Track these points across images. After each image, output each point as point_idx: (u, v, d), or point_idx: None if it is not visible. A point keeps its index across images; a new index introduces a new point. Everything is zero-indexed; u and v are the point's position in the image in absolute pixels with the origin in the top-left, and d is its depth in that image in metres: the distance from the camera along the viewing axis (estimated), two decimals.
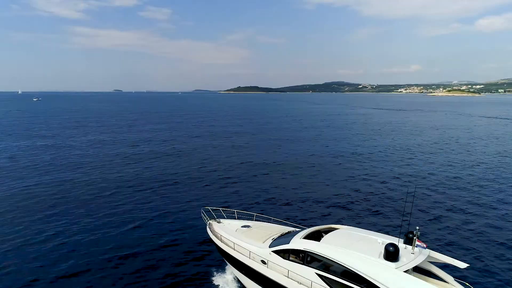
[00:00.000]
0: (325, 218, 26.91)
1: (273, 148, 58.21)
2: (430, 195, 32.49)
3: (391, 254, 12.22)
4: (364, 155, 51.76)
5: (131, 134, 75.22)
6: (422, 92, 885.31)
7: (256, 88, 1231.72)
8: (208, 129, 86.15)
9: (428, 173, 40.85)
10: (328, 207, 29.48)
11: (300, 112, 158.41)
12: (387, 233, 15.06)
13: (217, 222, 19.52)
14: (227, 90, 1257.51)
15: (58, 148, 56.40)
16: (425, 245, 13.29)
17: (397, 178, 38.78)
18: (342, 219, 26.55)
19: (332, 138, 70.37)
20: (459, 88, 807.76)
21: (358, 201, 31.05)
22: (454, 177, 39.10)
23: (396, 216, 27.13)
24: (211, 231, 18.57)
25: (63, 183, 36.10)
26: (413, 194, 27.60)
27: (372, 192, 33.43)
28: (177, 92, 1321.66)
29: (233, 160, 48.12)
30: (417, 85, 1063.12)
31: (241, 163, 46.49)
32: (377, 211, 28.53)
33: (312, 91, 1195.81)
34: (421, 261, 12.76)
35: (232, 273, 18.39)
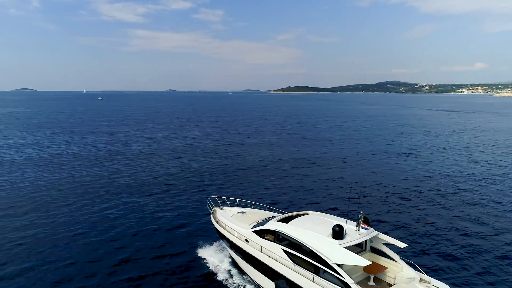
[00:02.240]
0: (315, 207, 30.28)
1: (320, 151, 57.19)
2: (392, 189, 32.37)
3: (336, 233, 14.70)
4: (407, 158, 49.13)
5: (183, 132, 78.08)
6: (486, 92, 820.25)
7: (306, 88, 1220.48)
8: (257, 129, 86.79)
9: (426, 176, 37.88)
10: (321, 199, 32.89)
11: (351, 113, 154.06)
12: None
13: (220, 209, 22.48)
14: (277, 90, 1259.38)
15: (117, 145, 59.99)
16: (367, 227, 15.51)
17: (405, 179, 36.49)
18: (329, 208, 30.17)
19: (385, 143, 67.55)
20: None
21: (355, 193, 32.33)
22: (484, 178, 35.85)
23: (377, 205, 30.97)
24: (213, 217, 21.54)
25: (119, 177, 38.38)
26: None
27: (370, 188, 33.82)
28: (228, 92, 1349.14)
29: (281, 165, 48.04)
30: (481, 85, 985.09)
31: (293, 167, 46.20)
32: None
33: (364, 91, 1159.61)
34: (363, 240, 15.17)
35: (225, 248, 21.55)
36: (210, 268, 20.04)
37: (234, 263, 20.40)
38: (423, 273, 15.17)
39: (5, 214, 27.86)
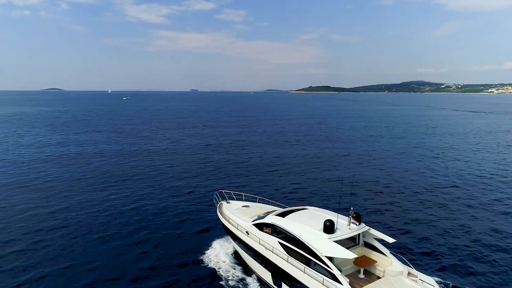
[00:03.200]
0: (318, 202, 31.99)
1: (342, 152, 55.80)
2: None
3: (327, 227, 15.46)
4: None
5: (205, 132, 78.14)
6: None
7: (328, 88, 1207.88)
8: (278, 129, 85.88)
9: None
10: (327, 197, 34.11)
11: (373, 114, 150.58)
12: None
13: (227, 202, 23.44)
14: (298, 90, 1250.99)
15: (141, 145, 60.55)
16: (357, 223, 16.12)
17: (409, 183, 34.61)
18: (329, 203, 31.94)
19: (412, 146, 65.27)
20: None
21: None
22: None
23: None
24: (219, 210, 22.53)
25: (143, 178, 38.47)
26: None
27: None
28: (250, 92, 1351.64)
29: (303, 165, 47.04)
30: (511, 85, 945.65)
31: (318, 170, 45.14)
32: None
33: (388, 91, 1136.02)
34: (353, 234, 15.86)
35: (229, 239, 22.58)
36: (234, 278, 19.41)
37: (236, 255, 21.37)
38: (411, 267, 15.75)
39: (32, 214, 28.19)
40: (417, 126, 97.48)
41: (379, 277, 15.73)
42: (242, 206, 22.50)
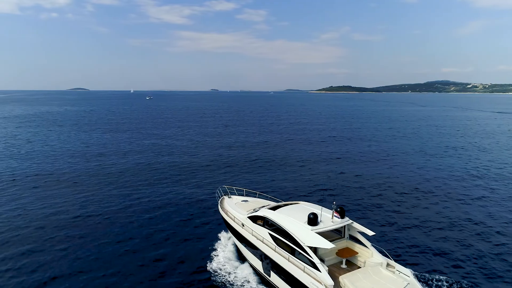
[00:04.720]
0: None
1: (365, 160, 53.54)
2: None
3: (311, 220, 16.62)
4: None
5: (226, 132, 77.27)
6: None
7: (349, 88, 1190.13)
8: (300, 130, 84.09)
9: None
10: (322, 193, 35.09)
11: (399, 115, 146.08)
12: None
13: (228, 197, 24.66)
14: (319, 90, 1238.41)
15: (163, 146, 60.28)
16: (339, 216, 17.12)
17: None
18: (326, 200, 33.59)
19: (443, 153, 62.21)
20: None
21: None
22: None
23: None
24: (220, 204, 23.88)
25: (166, 182, 37.76)
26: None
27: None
28: (269, 92, 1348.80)
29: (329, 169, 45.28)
30: None
31: (341, 173, 43.32)
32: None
33: (411, 91, 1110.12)
34: (336, 227, 16.98)
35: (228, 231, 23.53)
36: None
37: (235, 247, 22.45)
38: (390, 258, 16.79)
39: (53, 219, 27.78)
40: (447, 128, 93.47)
41: (360, 267, 16.79)
42: (242, 201, 23.75)
